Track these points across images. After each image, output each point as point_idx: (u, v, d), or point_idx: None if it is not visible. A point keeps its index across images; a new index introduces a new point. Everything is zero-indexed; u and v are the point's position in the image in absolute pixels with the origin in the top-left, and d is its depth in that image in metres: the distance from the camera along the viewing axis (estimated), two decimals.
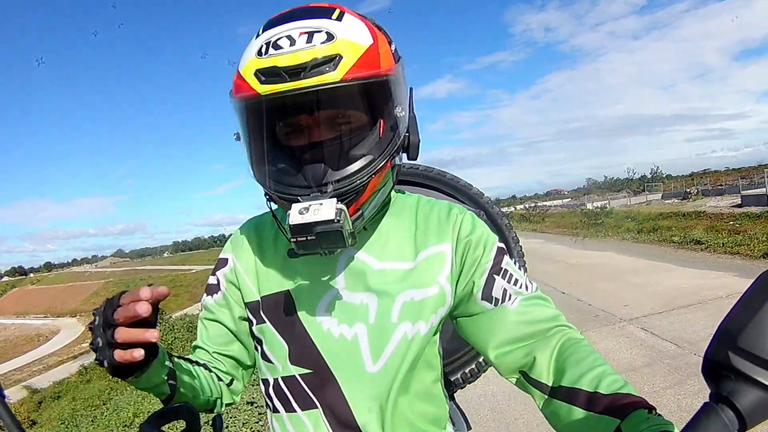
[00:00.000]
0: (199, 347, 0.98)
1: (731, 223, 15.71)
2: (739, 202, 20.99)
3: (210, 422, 0.87)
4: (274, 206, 0.85)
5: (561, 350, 0.79)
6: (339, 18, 0.77)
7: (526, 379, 0.82)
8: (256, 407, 3.77)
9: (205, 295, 0.98)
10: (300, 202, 0.74)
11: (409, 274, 0.86)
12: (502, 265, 0.88)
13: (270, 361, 0.91)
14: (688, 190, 36.05)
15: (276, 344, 0.89)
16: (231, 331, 0.96)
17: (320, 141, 0.77)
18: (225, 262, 0.97)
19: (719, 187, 35.47)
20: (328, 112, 0.77)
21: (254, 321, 0.92)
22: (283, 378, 0.89)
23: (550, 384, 0.77)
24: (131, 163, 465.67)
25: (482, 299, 0.86)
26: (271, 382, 0.91)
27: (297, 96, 0.72)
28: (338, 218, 0.71)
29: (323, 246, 0.74)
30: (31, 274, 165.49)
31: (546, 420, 0.77)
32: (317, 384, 0.86)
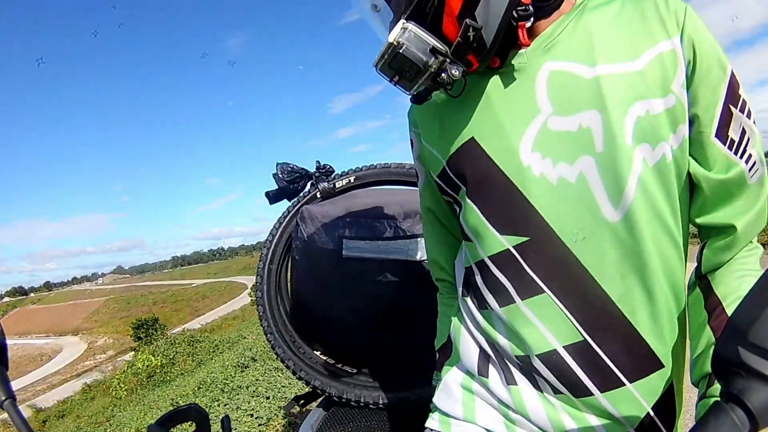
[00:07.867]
0: (439, 264, 0.90)
1: None
2: None
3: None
4: None
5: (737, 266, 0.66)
6: None
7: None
8: (255, 418, 3.73)
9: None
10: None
11: (638, 79, 0.63)
12: (740, 93, 0.64)
13: (469, 239, 0.74)
14: None
15: (471, 213, 0.71)
16: (443, 213, 0.86)
17: None
18: (412, 144, 0.84)
19: None
20: None
21: (453, 193, 0.76)
22: (491, 258, 0.70)
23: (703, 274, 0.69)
24: (126, 180, 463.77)
25: (716, 136, 0.63)
26: (475, 269, 0.74)
27: None
28: (398, 40, 0.60)
29: (411, 81, 0.62)
30: (32, 294, 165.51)
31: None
32: (540, 257, 0.66)
